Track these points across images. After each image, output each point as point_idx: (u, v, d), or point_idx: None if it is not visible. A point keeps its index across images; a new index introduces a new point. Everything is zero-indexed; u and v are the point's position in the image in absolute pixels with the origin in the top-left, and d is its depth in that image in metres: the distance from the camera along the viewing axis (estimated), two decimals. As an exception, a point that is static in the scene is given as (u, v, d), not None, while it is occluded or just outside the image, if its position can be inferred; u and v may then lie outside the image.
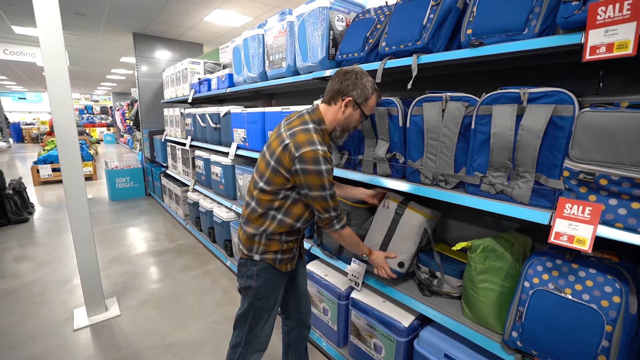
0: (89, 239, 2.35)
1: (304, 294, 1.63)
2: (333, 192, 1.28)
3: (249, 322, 1.39)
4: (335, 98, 1.32)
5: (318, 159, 1.20)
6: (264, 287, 1.36)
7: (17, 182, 4.85)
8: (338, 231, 1.34)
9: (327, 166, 1.22)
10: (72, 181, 2.23)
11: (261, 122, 2.42)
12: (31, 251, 3.64)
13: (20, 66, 9.27)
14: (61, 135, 2.16)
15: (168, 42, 5.97)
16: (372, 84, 1.32)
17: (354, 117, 1.33)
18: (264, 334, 1.43)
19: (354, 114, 1.33)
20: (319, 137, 1.26)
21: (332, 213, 1.30)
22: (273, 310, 1.43)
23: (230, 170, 3.02)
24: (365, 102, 1.32)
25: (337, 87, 1.30)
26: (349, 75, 1.29)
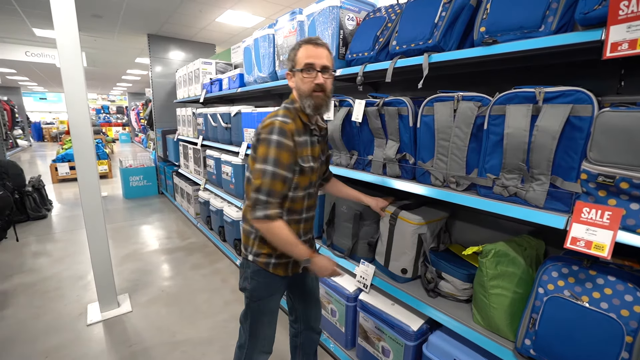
0: (102, 237, 2.40)
1: (314, 301, 1.54)
2: (276, 174, 1.13)
3: (249, 324, 1.37)
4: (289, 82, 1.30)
5: (272, 129, 1.13)
6: (258, 290, 1.31)
7: (37, 179, 5.00)
8: (260, 220, 1.14)
9: (279, 138, 1.12)
10: (86, 181, 2.27)
11: None
12: (48, 247, 3.75)
13: (41, 67, 9.56)
14: (76, 135, 2.21)
15: (181, 42, 6.05)
16: (298, 44, 1.23)
17: (298, 80, 1.21)
18: (266, 337, 1.39)
19: (296, 78, 1.23)
20: (286, 112, 1.21)
21: (260, 195, 1.13)
22: (273, 314, 1.38)
23: (241, 170, 3.03)
24: (294, 62, 1.22)
25: None
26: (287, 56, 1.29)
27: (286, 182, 1.17)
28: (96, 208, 2.34)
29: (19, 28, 5.50)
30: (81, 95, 2.18)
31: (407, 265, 1.62)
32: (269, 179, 1.13)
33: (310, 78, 1.19)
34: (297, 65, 1.21)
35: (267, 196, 1.13)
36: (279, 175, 1.14)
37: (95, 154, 2.30)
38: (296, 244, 1.18)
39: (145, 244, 3.86)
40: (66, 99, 2.15)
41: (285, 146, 1.14)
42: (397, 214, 1.60)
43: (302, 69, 1.19)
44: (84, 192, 2.28)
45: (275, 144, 1.12)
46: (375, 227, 1.79)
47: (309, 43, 1.21)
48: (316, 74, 1.19)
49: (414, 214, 1.57)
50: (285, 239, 1.17)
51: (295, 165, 1.19)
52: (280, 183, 1.15)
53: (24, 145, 14.15)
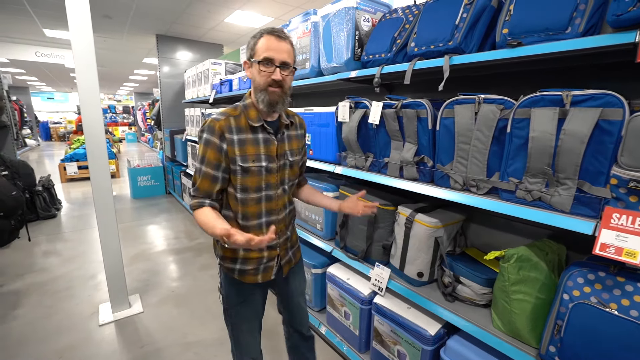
0: (114, 238, 2.41)
1: (295, 306, 1.46)
2: (202, 171, 1.13)
3: (230, 330, 1.35)
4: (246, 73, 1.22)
5: (203, 128, 1.14)
6: (230, 297, 1.29)
7: (46, 179, 5.04)
8: (192, 209, 1.16)
9: (207, 135, 1.12)
10: (99, 181, 2.28)
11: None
12: (58, 246, 3.78)
13: (50, 67, 9.66)
14: (89, 134, 2.22)
15: (189, 43, 6.07)
16: (260, 33, 1.14)
17: (255, 72, 1.14)
18: (249, 344, 1.34)
19: (253, 70, 1.14)
20: (228, 110, 1.18)
21: (191, 191, 1.18)
22: (251, 322, 1.32)
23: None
24: (253, 51, 1.14)
25: None
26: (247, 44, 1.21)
27: (215, 180, 1.15)
28: (108, 209, 2.35)
29: (29, 28, 5.56)
30: (94, 97, 2.19)
31: (424, 269, 1.61)
32: (197, 175, 1.16)
33: (267, 72, 1.11)
34: (255, 56, 1.12)
35: (195, 192, 1.16)
36: (206, 173, 1.14)
37: (107, 154, 2.31)
38: (212, 226, 1.06)
39: (153, 244, 3.88)
40: (80, 100, 2.16)
41: (212, 144, 1.12)
42: (413, 217, 1.59)
43: (259, 61, 1.10)
44: (97, 192, 2.29)
45: (204, 142, 1.13)
46: (389, 229, 1.78)
47: (272, 34, 1.12)
48: (274, 69, 1.11)
49: (430, 217, 1.56)
50: (204, 221, 1.10)
51: (231, 163, 1.14)
52: (207, 181, 1.14)
53: (32, 144, 14.27)
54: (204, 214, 1.12)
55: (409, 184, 1.54)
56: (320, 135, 2.06)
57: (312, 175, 2.43)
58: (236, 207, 1.20)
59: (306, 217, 2.30)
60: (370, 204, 1.44)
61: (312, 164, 2.17)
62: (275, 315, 1.93)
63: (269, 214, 1.24)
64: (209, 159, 1.12)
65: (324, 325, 2.15)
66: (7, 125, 4.37)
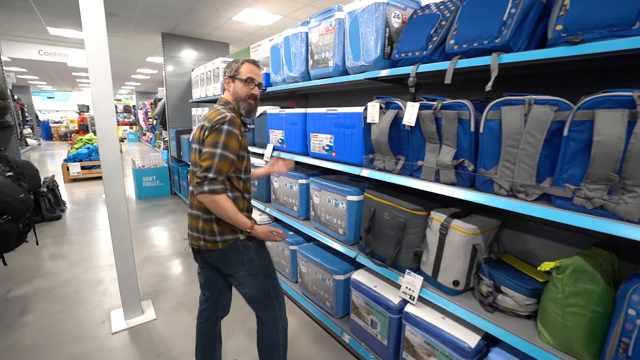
0: (127, 242, 2.33)
1: None
2: (225, 156, 1.34)
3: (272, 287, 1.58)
4: (225, 85, 1.56)
5: (224, 120, 1.35)
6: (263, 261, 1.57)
7: (51, 180, 4.96)
8: (207, 194, 1.31)
9: (230, 127, 1.35)
10: (112, 184, 2.21)
11: (302, 123, 2.34)
12: (65, 249, 3.69)
13: (52, 66, 9.56)
14: (102, 134, 2.14)
15: (195, 41, 5.99)
16: (242, 60, 1.53)
17: (238, 87, 1.51)
18: (282, 295, 1.65)
19: (236, 85, 1.51)
20: (229, 110, 1.44)
21: (209, 173, 1.31)
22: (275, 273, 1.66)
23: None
24: (237, 72, 1.51)
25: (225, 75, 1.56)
26: (226, 66, 1.58)
27: (232, 163, 1.38)
28: (121, 213, 2.27)
29: (33, 26, 5.47)
30: (108, 96, 2.11)
31: (460, 277, 1.54)
32: (218, 161, 1.33)
33: (248, 88, 1.51)
34: (240, 75, 1.50)
35: (215, 174, 1.32)
36: (227, 157, 1.35)
37: (119, 155, 2.23)
38: (240, 215, 1.40)
39: (162, 247, 3.80)
40: (93, 100, 2.08)
41: (234, 134, 1.37)
42: (449, 223, 1.52)
43: (245, 79, 1.49)
44: (110, 195, 2.21)
45: (225, 133, 1.34)
46: (420, 235, 1.70)
47: (252, 63, 1.53)
48: (254, 86, 1.52)
49: (468, 223, 1.48)
50: (230, 210, 1.36)
51: (242, 151, 1.43)
52: (227, 164, 1.36)
53: (33, 144, 14.13)
54: (228, 203, 1.36)
55: (446, 189, 1.47)
56: (344, 136, 1.99)
57: (330, 178, 2.35)
58: (239, 186, 1.49)
59: (327, 221, 2.23)
60: (289, 160, 1.98)
61: (335, 166, 2.09)
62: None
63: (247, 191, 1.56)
64: (232, 147, 1.36)
65: (347, 334, 2.07)
66: (11, 125, 4.28)
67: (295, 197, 2.55)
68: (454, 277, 1.54)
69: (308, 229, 2.42)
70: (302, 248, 2.48)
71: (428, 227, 1.65)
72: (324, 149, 2.17)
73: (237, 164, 1.43)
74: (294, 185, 2.53)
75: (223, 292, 1.69)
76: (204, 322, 1.71)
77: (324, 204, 2.23)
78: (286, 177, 2.61)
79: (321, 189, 2.24)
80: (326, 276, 2.20)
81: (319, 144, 2.20)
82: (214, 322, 1.72)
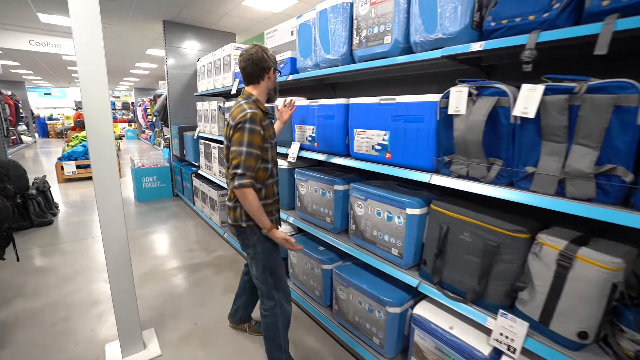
0: (125, 263, 1.89)
1: None
2: (250, 152, 1.44)
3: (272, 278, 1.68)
4: (259, 77, 1.59)
5: (245, 119, 1.44)
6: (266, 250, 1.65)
7: (41, 180, 4.51)
8: (238, 188, 1.44)
9: (251, 125, 1.45)
10: (105, 186, 1.77)
11: (342, 116, 1.90)
12: (55, 261, 3.25)
13: (46, 59, 9.06)
14: (93, 132, 1.70)
15: (199, 31, 5.53)
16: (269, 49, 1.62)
17: (273, 77, 1.65)
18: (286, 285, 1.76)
19: (274, 76, 1.65)
20: (250, 105, 1.50)
21: (238, 170, 1.44)
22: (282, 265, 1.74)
23: (287, 175, 2.52)
24: (275, 62, 1.64)
25: (255, 69, 1.57)
26: (257, 56, 1.56)
27: (257, 158, 1.48)
28: (117, 226, 1.83)
29: (22, 13, 4.99)
30: (101, 77, 1.67)
31: (588, 327, 1.10)
32: (245, 158, 1.43)
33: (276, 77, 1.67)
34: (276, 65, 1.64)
35: (243, 170, 1.43)
36: (253, 155, 1.45)
37: (115, 153, 1.79)
38: (264, 214, 1.53)
39: (165, 259, 3.35)
40: (81, 82, 1.63)
41: (256, 130, 1.46)
42: (574, 253, 1.08)
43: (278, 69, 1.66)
44: (102, 204, 1.77)
45: (248, 131, 1.43)
46: (519, 264, 1.27)
47: None
48: None
49: (604, 254, 1.05)
50: (256, 207, 1.49)
51: (265, 143, 1.53)
52: (253, 160, 1.46)
53: (28, 141, 13.69)
54: (255, 199, 1.48)
55: (576, 207, 1.04)
56: (405, 133, 1.55)
57: (377, 184, 1.91)
58: (264, 176, 1.57)
59: (373, 238, 1.80)
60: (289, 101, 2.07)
61: (389, 171, 1.65)
62: None
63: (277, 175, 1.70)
64: (255, 143, 1.46)
65: (404, 382, 1.65)
66: (-5, 120, 3.84)
67: (328, 206, 2.11)
68: (579, 326, 1.11)
69: (345, 244, 1.98)
70: (340, 269, 2.04)
71: (534, 254, 1.21)
72: (373, 148, 1.73)
73: (263, 155, 1.54)
74: (327, 192, 2.10)
75: None
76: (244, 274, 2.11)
77: (371, 217, 1.80)
78: (317, 182, 2.17)
79: (367, 198, 1.80)
80: (375, 307, 1.76)
81: (367, 142, 1.76)
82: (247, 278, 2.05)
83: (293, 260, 2.46)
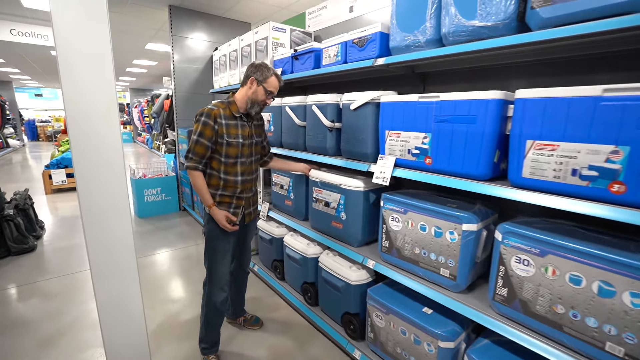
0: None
1: (248, 251, 2.08)
2: (198, 141, 1.65)
3: (208, 263, 1.81)
4: (245, 80, 1.72)
5: (202, 112, 1.66)
6: (211, 231, 1.77)
7: (22, 196, 3.71)
8: (188, 169, 1.69)
9: (205, 119, 1.64)
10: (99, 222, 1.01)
11: (494, 119, 1.18)
12: (35, 307, 2.46)
13: (31, 54, 8.19)
14: (75, 136, 0.95)
15: (210, 20, 4.76)
16: (272, 70, 1.71)
17: (260, 93, 1.70)
18: (220, 274, 1.80)
19: (259, 90, 1.70)
20: (217, 103, 1.72)
21: (189, 154, 1.68)
22: (225, 254, 1.80)
23: (361, 200, 1.77)
24: (265, 80, 1.69)
25: (246, 72, 1.73)
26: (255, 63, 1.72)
27: (207, 149, 1.68)
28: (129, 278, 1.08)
29: (1, -4, 4.20)
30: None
31: None
32: (195, 145, 1.66)
33: (266, 98, 1.73)
34: (266, 85, 1.69)
35: (192, 155, 1.68)
36: (202, 143, 1.66)
37: (124, 173, 1.04)
38: (207, 193, 1.72)
39: (181, 303, 2.58)
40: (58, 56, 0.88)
41: (209, 124, 1.65)
42: None
43: (268, 91, 1.71)
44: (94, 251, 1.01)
45: (202, 124, 1.65)
46: None
47: (278, 77, 1.74)
48: (270, 98, 1.76)
49: None
50: (200, 186, 1.71)
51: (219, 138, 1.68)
52: (203, 149, 1.67)
53: (15, 145, 12.79)
54: (200, 179, 1.71)
55: None
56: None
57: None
58: (219, 166, 1.74)
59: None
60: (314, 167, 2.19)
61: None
62: None
63: (242, 174, 1.79)
64: (206, 134, 1.65)
65: None
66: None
67: (447, 252, 1.37)
68: None
69: (481, 313, 1.25)
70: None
71: None
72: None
73: (218, 149, 1.70)
74: (447, 231, 1.35)
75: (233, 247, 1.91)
76: None
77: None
78: (429, 216, 1.42)
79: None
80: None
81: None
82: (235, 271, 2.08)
83: (377, 323, 1.70)
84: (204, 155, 1.67)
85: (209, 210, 1.72)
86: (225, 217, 1.70)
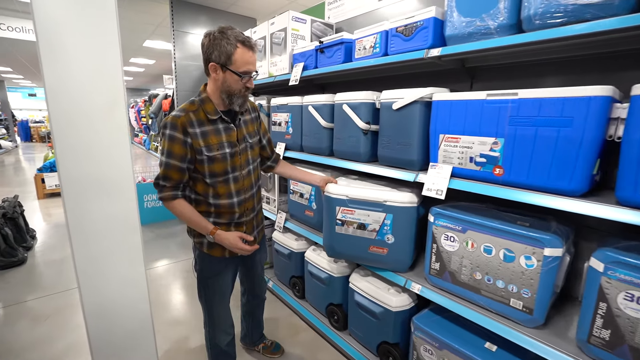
0: None
1: (257, 275, 1.72)
2: (168, 163, 1.24)
3: (204, 302, 1.50)
4: (206, 68, 1.27)
5: (165, 123, 1.24)
6: (204, 271, 1.45)
7: (11, 203, 3.41)
8: (164, 201, 1.30)
9: (171, 132, 1.22)
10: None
11: (597, 122, 0.94)
12: (22, 332, 2.18)
13: (23, 50, 7.86)
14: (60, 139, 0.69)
15: (214, 14, 4.51)
16: (234, 38, 1.20)
17: (230, 80, 1.25)
18: (220, 317, 1.52)
19: (227, 77, 1.24)
20: (187, 106, 1.28)
21: (159, 181, 1.28)
22: (223, 295, 1.50)
23: (414, 218, 1.52)
24: (229, 61, 1.21)
25: (203, 57, 1.27)
26: (207, 39, 1.23)
27: (183, 171, 1.27)
28: None
29: (-12, -13, 3.91)
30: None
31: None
32: (163, 168, 1.26)
33: (243, 83, 1.26)
34: (233, 67, 1.22)
35: (162, 180, 1.27)
36: (174, 165, 1.24)
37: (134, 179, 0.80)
38: (198, 221, 1.32)
39: (190, 324, 2.31)
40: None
41: (176, 139, 1.23)
42: None
43: (239, 73, 1.22)
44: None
45: (168, 138, 1.23)
46: None
47: (246, 45, 1.22)
48: (249, 78, 1.26)
49: None
50: (189, 216, 1.31)
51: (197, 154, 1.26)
52: (176, 172, 1.26)
53: (7, 146, 12.43)
54: (184, 207, 1.30)
55: None
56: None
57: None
58: (206, 190, 1.33)
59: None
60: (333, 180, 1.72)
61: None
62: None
63: (238, 194, 1.38)
64: (176, 153, 1.23)
65: None
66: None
67: (519, 280, 1.12)
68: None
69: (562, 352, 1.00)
70: None
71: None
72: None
73: (198, 167, 1.30)
74: (521, 256, 1.10)
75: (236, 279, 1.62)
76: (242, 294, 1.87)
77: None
78: (495, 237, 1.18)
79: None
80: None
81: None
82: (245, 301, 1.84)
83: (427, 358, 1.45)
84: (180, 180, 1.28)
85: (214, 237, 1.32)
86: (238, 238, 1.34)
